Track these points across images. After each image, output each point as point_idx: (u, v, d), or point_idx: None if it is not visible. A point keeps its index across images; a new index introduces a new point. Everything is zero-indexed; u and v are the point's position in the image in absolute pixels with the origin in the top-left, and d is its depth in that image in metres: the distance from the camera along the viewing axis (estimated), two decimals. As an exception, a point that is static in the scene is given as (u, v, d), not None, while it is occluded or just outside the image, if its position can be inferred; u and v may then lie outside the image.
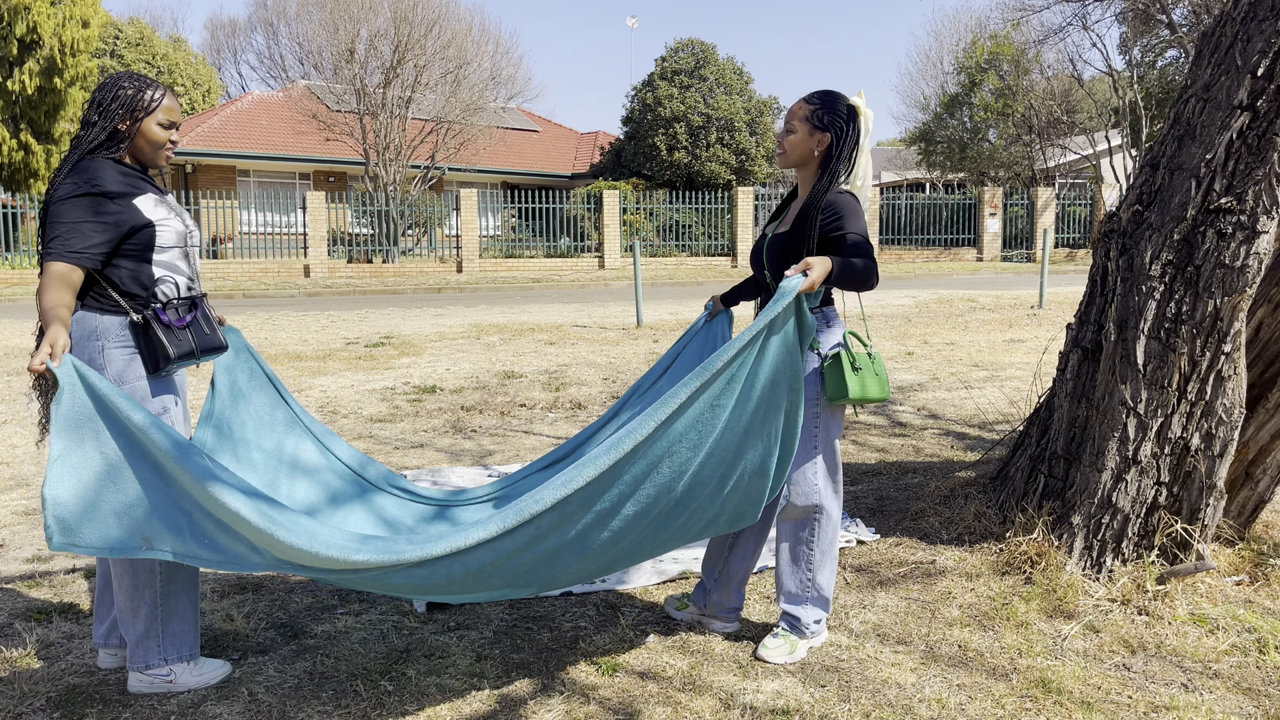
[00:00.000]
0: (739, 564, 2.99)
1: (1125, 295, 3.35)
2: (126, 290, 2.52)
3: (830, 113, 2.75)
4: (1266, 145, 3.07)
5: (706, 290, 19.19)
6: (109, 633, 2.77)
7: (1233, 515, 3.60)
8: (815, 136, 2.77)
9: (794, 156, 2.81)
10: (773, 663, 2.79)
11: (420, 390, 7.37)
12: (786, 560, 2.87)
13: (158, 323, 2.52)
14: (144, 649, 2.62)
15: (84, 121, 2.56)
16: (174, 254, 2.60)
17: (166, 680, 2.64)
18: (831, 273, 2.52)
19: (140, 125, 2.58)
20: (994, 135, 31.25)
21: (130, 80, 2.59)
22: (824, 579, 2.86)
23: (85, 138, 2.54)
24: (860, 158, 2.76)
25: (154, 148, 2.62)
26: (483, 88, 26.58)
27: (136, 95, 2.57)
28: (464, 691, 2.65)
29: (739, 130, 28.69)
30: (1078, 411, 3.55)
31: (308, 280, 21.38)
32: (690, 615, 3.08)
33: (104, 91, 2.57)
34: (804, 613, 2.86)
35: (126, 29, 36.70)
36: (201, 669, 2.68)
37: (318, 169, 29.12)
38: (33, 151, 26.20)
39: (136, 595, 2.61)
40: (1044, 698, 2.57)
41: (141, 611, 2.61)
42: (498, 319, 13.07)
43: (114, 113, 2.55)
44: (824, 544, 2.84)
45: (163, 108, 2.61)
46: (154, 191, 2.60)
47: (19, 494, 4.64)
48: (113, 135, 2.55)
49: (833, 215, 2.68)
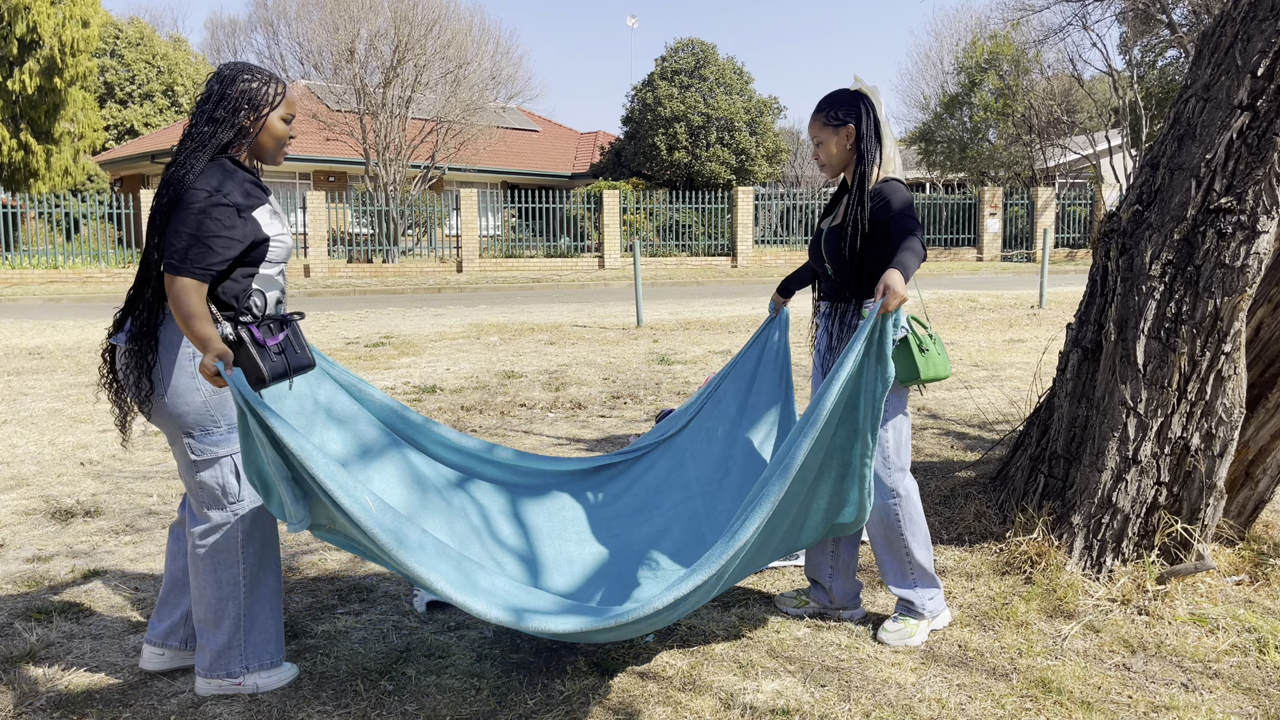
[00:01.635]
0: (850, 553, 3.09)
1: (1125, 295, 3.34)
2: (223, 302, 2.41)
3: (839, 106, 2.87)
4: (1266, 145, 3.07)
5: (706, 290, 19.19)
6: (168, 633, 2.72)
7: (1233, 515, 3.60)
8: (841, 133, 2.87)
9: (836, 162, 2.91)
10: (891, 645, 2.88)
11: (420, 390, 7.37)
12: (883, 547, 2.96)
13: (252, 342, 2.37)
14: (225, 658, 2.58)
15: (205, 117, 2.41)
16: (275, 269, 2.51)
17: (235, 683, 2.60)
18: (903, 281, 2.61)
19: (265, 121, 2.46)
20: (994, 135, 31.24)
21: (250, 72, 2.45)
22: (922, 556, 2.93)
23: (210, 136, 2.40)
24: (883, 129, 2.87)
25: (277, 144, 2.51)
26: (483, 88, 26.58)
27: (262, 89, 2.44)
28: (464, 691, 2.64)
29: (739, 130, 28.68)
30: (1078, 411, 3.55)
31: (308, 280, 21.38)
32: (812, 610, 3.14)
33: (225, 85, 2.43)
34: (915, 595, 2.94)
35: (126, 29, 36.68)
36: (271, 671, 2.65)
37: (318, 169, 29.11)
38: (33, 151, 26.18)
39: (220, 607, 2.56)
40: (1044, 698, 2.57)
41: (225, 623, 2.57)
42: (498, 319, 13.07)
43: (239, 108, 2.41)
44: (910, 522, 2.92)
45: (285, 101, 2.50)
46: (269, 200, 2.49)
47: (19, 494, 4.64)
48: (240, 133, 2.43)
49: (880, 203, 2.80)
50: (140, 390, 2.44)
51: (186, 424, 2.48)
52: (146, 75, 36.32)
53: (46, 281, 19.46)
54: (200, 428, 2.49)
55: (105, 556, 3.74)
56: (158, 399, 2.46)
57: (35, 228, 21.66)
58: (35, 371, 8.46)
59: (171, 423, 2.49)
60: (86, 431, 6.01)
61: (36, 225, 21.68)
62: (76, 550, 3.82)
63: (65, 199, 21.89)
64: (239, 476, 2.55)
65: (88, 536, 3.99)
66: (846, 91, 2.88)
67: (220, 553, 2.56)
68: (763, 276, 22.77)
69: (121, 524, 4.15)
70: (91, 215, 22.01)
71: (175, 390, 2.45)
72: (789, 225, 27.87)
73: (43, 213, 21.54)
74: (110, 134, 34.62)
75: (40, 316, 13.89)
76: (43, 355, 9.50)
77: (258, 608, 2.62)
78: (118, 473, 5.02)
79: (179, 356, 2.44)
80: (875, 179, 2.85)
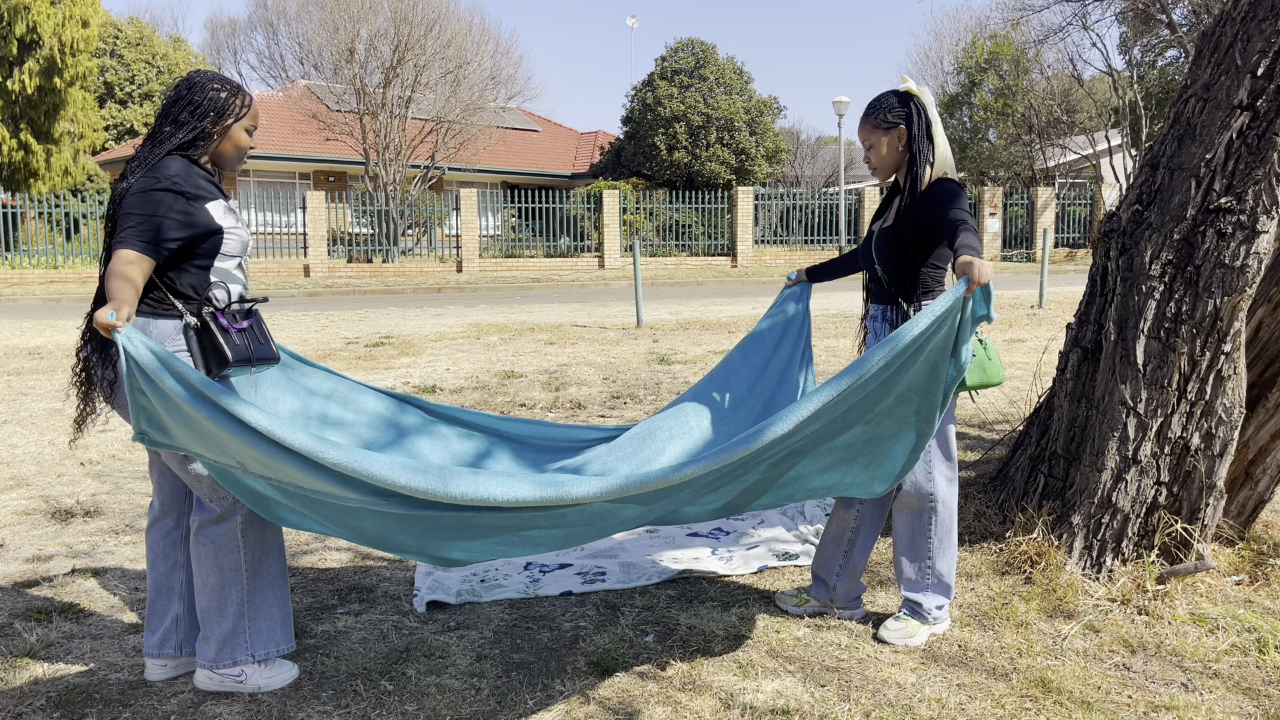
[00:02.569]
0: (862, 556, 3.08)
1: (1125, 295, 3.34)
2: (181, 293, 2.50)
3: (888, 110, 2.85)
4: (1266, 145, 3.07)
5: (706, 290, 19.19)
6: (162, 643, 2.71)
7: (1233, 515, 3.60)
8: (892, 135, 2.85)
9: (888, 165, 2.89)
10: (891, 644, 2.88)
11: (420, 390, 7.37)
12: (906, 548, 2.96)
13: (215, 325, 2.47)
14: (231, 646, 2.59)
15: (170, 119, 2.52)
16: (233, 263, 2.59)
17: (237, 680, 2.61)
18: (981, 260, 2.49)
19: (230, 130, 2.56)
20: (994, 135, 31.24)
21: (219, 82, 2.57)
22: (943, 566, 2.93)
23: (170, 135, 2.50)
24: (935, 129, 2.84)
25: (238, 153, 2.61)
26: (483, 88, 26.57)
27: (230, 99, 2.56)
28: (464, 691, 2.65)
29: (739, 130, 28.68)
30: (1078, 411, 3.55)
31: (307, 280, 21.38)
32: (812, 609, 3.13)
33: (195, 91, 2.53)
34: (925, 599, 2.94)
35: (126, 29, 36.68)
36: (273, 671, 2.65)
37: (318, 169, 29.11)
38: (33, 151, 26.19)
39: (223, 593, 2.58)
40: (1044, 697, 2.57)
41: (229, 610, 2.59)
42: (498, 319, 13.07)
43: (205, 114, 2.52)
44: (941, 532, 2.91)
45: (251, 113, 2.60)
46: (223, 198, 2.57)
47: (19, 494, 4.64)
48: (200, 136, 2.53)
49: (933, 204, 2.76)
50: (107, 384, 2.48)
51: None
52: (146, 75, 36.32)
53: (46, 281, 19.46)
54: None
55: (105, 556, 3.74)
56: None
57: (35, 228, 21.65)
58: (35, 371, 8.46)
59: None
60: (86, 431, 6.00)
61: (36, 225, 21.67)
62: (76, 550, 3.82)
63: (65, 199, 21.88)
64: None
65: (88, 536, 3.99)
66: (895, 93, 2.86)
67: (221, 540, 2.57)
68: (763, 276, 22.77)
69: (121, 524, 4.15)
70: (91, 215, 22.00)
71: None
72: (789, 225, 27.87)
73: (43, 213, 21.53)
74: (110, 134, 34.61)
75: (40, 316, 13.89)
76: (43, 355, 9.50)
77: (261, 594, 2.63)
78: (117, 473, 5.02)
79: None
80: (928, 180, 2.83)
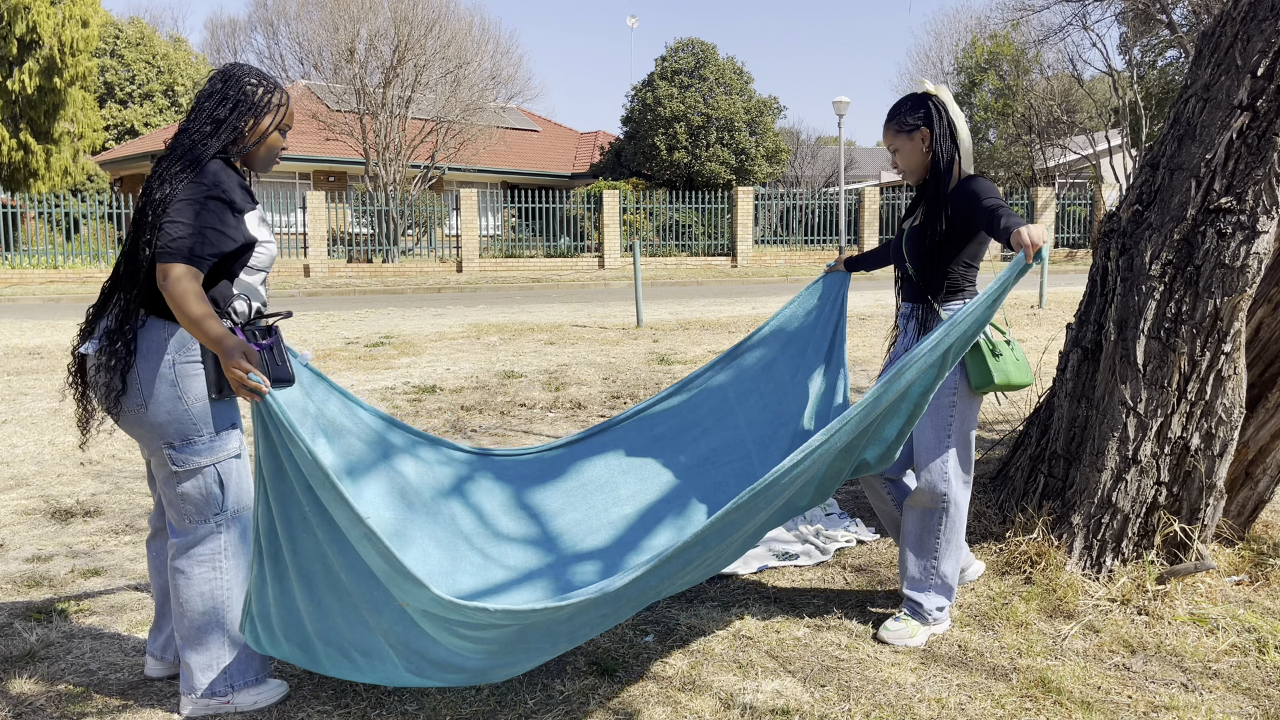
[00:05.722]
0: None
1: (1125, 295, 3.35)
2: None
3: (911, 113, 2.86)
4: (1266, 145, 3.07)
5: (706, 290, 19.19)
6: (164, 647, 2.66)
7: (1233, 515, 3.60)
8: (916, 137, 2.86)
9: (915, 167, 2.90)
10: (891, 644, 2.88)
11: (420, 390, 7.37)
12: (913, 545, 2.96)
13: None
14: (208, 677, 2.48)
15: (208, 115, 2.36)
16: (258, 277, 2.47)
17: (224, 702, 2.50)
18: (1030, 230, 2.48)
19: (265, 129, 2.42)
20: (994, 135, 31.25)
21: (255, 76, 2.41)
22: (948, 567, 2.94)
23: (211, 134, 2.35)
24: (957, 126, 2.85)
25: (271, 154, 2.48)
26: (483, 88, 26.58)
27: (266, 96, 2.40)
28: (464, 691, 2.64)
29: (739, 130, 28.68)
30: (1078, 411, 3.55)
31: (307, 280, 21.37)
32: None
33: (229, 86, 2.38)
34: (926, 599, 2.94)
35: (126, 29, 36.71)
36: (260, 691, 2.55)
37: (318, 169, 29.11)
38: (32, 151, 26.20)
39: (203, 622, 2.47)
40: (1044, 698, 2.57)
41: (208, 640, 2.48)
42: (498, 319, 13.07)
43: (243, 112, 2.37)
44: (950, 533, 2.92)
45: (288, 113, 2.46)
46: (258, 208, 2.46)
47: (19, 494, 4.64)
48: (237, 136, 2.39)
49: (965, 200, 2.75)
50: (110, 392, 2.34)
51: (167, 434, 2.37)
52: (146, 75, 36.34)
53: (46, 281, 19.46)
54: (182, 437, 2.38)
55: (105, 556, 3.74)
56: (136, 409, 2.36)
57: (35, 228, 21.66)
58: (35, 371, 8.46)
59: (151, 433, 2.38)
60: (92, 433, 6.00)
61: (36, 225, 21.68)
62: (76, 550, 3.82)
63: (65, 199, 21.89)
64: (223, 486, 2.45)
65: (88, 536, 3.99)
66: (915, 96, 2.88)
67: (201, 566, 2.46)
68: (762, 276, 22.77)
69: (121, 524, 4.15)
70: (91, 215, 22.01)
71: (156, 399, 2.34)
72: (789, 225, 27.87)
73: (43, 213, 21.54)
74: (110, 134, 34.64)
75: (40, 316, 13.89)
76: (43, 355, 9.50)
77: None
78: (118, 473, 5.02)
79: (160, 365, 2.34)
80: (955, 178, 2.84)
